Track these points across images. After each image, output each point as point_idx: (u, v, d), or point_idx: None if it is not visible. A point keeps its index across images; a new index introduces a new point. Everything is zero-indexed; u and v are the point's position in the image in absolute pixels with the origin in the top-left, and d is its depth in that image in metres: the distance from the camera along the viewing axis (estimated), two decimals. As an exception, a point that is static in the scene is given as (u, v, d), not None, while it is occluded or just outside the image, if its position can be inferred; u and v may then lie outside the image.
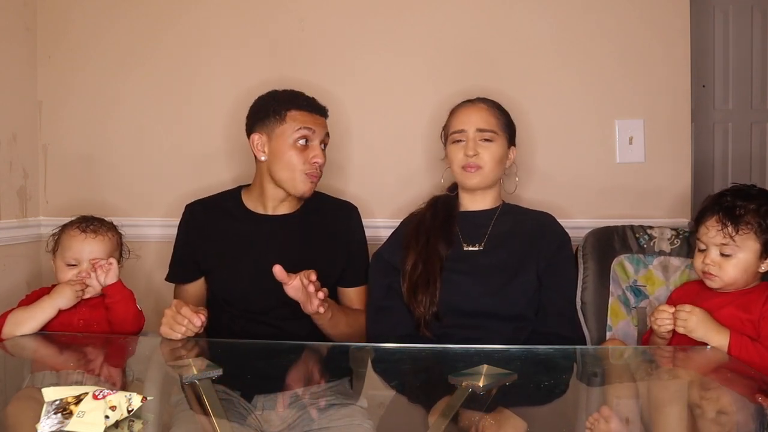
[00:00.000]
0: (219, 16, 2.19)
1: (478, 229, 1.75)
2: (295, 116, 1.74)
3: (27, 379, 1.42)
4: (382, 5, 2.17)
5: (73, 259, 1.65)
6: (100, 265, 1.65)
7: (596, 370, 1.56)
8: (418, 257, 1.70)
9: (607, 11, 2.14)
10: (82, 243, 1.66)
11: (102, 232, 1.68)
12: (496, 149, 1.72)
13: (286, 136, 1.74)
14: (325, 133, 1.78)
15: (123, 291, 1.67)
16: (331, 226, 1.82)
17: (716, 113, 3.64)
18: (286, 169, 1.74)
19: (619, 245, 1.84)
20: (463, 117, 1.75)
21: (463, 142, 1.72)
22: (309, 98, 1.80)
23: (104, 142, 2.21)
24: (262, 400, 1.26)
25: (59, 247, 1.68)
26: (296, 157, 1.73)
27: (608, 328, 1.76)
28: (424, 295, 1.65)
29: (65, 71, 2.21)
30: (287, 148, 1.73)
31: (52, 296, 1.59)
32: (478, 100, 1.77)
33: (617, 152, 2.16)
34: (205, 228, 1.81)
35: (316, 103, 1.79)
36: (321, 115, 1.79)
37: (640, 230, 1.86)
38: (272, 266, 1.68)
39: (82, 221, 1.70)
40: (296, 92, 1.80)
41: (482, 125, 1.72)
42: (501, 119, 1.75)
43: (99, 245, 1.66)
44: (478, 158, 1.71)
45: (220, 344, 1.61)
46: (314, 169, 1.75)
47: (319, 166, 1.75)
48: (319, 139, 1.76)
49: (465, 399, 1.16)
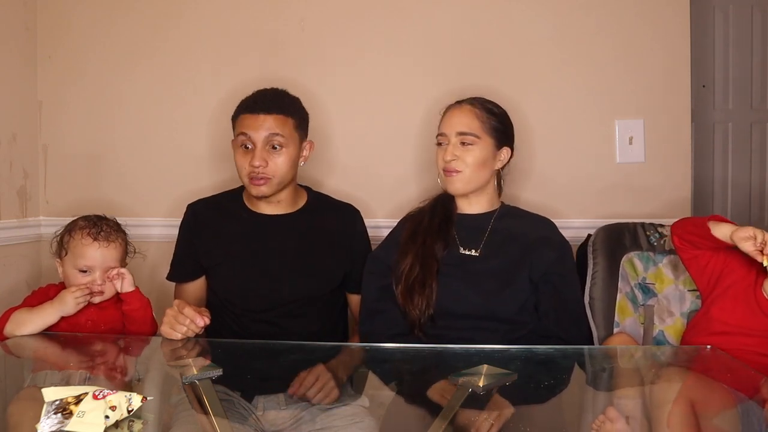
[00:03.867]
0: (219, 15, 2.19)
1: (475, 232, 1.74)
2: (240, 120, 1.73)
3: (27, 380, 1.42)
4: (381, 5, 2.17)
5: (86, 266, 1.62)
6: (113, 276, 1.63)
7: (598, 370, 1.56)
8: (414, 259, 1.69)
9: (606, 11, 2.14)
10: (96, 251, 1.62)
11: (113, 238, 1.65)
12: (479, 152, 1.70)
13: (235, 141, 1.74)
14: (271, 133, 1.69)
15: (142, 299, 1.66)
16: (333, 228, 1.82)
17: (716, 113, 3.64)
18: (239, 174, 1.75)
19: (630, 242, 1.84)
20: (447, 119, 1.74)
21: (444, 146, 1.72)
22: (261, 98, 1.73)
23: (104, 142, 2.21)
24: (262, 400, 1.26)
25: (69, 252, 1.63)
26: (239, 161, 1.72)
27: (615, 325, 1.76)
28: (421, 298, 1.64)
29: (65, 71, 2.21)
30: (235, 153, 1.73)
31: (54, 303, 1.58)
32: (466, 102, 1.75)
33: (617, 152, 2.16)
34: (206, 227, 1.81)
35: (263, 102, 1.72)
36: (267, 113, 1.70)
37: (650, 228, 1.86)
38: (272, 265, 1.68)
39: (92, 225, 1.65)
40: (258, 93, 1.76)
41: (462, 129, 1.70)
42: (487, 121, 1.72)
43: (112, 253, 1.64)
44: (457, 162, 1.69)
45: (220, 344, 1.61)
46: (255, 173, 1.69)
47: (258, 169, 1.68)
48: (262, 141, 1.68)
49: (465, 399, 1.16)
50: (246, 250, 1.77)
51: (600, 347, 1.70)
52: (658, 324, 1.79)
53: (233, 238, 1.78)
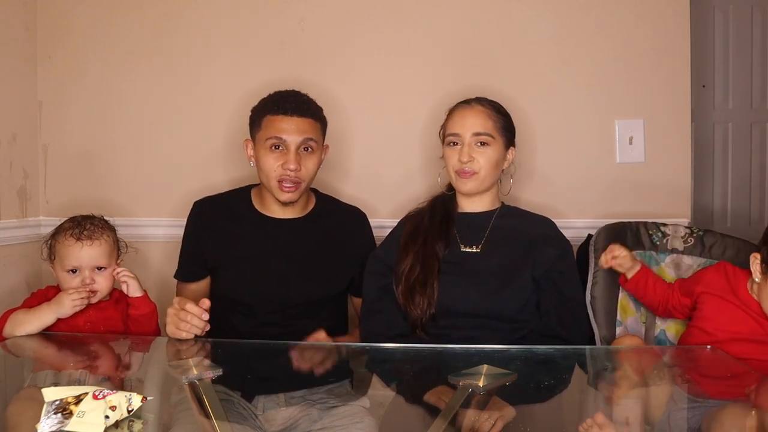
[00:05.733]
0: (220, 15, 2.19)
1: (476, 231, 1.74)
2: (270, 121, 1.70)
3: (27, 380, 1.42)
4: (382, 5, 2.17)
5: (72, 267, 1.62)
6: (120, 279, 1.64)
7: (598, 370, 1.56)
8: (415, 259, 1.69)
9: (607, 11, 2.14)
10: (81, 251, 1.61)
11: (97, 236, 1.64)
12: (492, 153, 1.70)
13: (262, 142, 1.71)
14: (306, 137, 1.69)
15: (150, 305, 1.67)
16: (340, 233, 1.82)
17: (716, 113, 3.64)
18: (264, 176, 1.72)
19: (632, 241, 1.83)
20: (459, 120, 1.72)
21: (459, 146, 1.71)
22: (290, 100, 1.72)
23: (104, 142, 2.21)
24: (262, 400, 1.26)
25: (56, 255, 1.64)
26: (269, 163, 1.69)
27: (617, 324, 1.76)
28: (422, 297, 1.64)
29: (65, 71, 2.20)
30: (263, 154, 1.71)
31: (51, 305, 1.58)
32: (476, 102, 1.74)
33: (617, 152, 2.16)
34: (213, 225, 1.79)
35: (295, 105, 1.70)
36: (301, 116, 1.70)
37: (653, 227, 1.86)
38: (279, 268, 1.67)
39: (75, 226, 1.64)
40: (282, 94, 1.74)
41: (478, 129, 1.69)
42: (498, 122, 1.72)
43: (97, 250, 1.63)
44: (473, 164, 1.69)
45: (220, 344, 1.60)
46: (287, 176, 1.69)
47: (293, 172, 1.68)
48: (295, 144, 1.68)
49: (465, 399, 1.16)
50: (253, 252, 1.76)
51: (600, 347, 1.70)
52: (660, 323, 1.79)
53: (240, 240, 1.77)
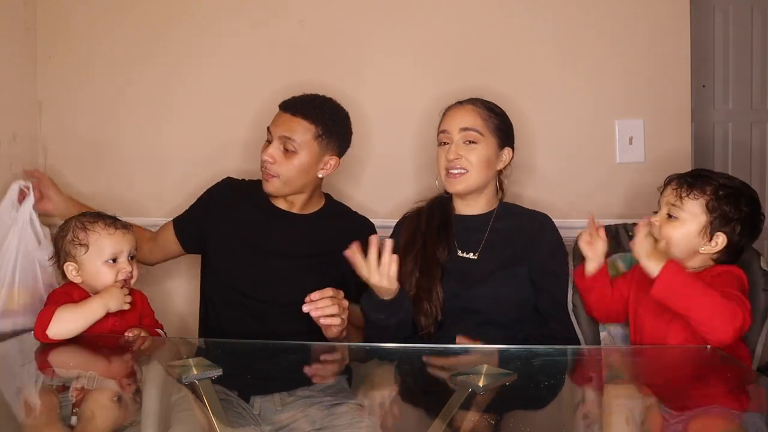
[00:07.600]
0: (220, 15, 2.19)
1: (474, 234, 1.73)
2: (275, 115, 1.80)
3: (27, 379, 1.42)
4: (381, 5, 2.17)
5: (113, 255, 1.59)
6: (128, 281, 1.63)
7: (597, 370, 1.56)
8: (414, 264, 1.68)
9: (607, 11, 2.14)
10: (123, 238, 1.60)
11: (128, 226, 1.65)
12: (482, 151, 1.69)
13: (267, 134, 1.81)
14: (284, 135, 1.75)
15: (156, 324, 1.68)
16: (342, 236, 1.79)
17: (716, 113, 3.63)
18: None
19: (612, 245, 1.79)
20: (449, 118, 1.73)
21: (447, 145, 1.71)
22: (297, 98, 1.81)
23: (105, 142, 2.21)
24: (261, 400, 1.26)
25: (91, 247, 1.58)
26: (261, 152, 1.80)
27: (601, 329, 1.74)
28: (429, 304, 1.64)
29: (65, 71, 2.20)
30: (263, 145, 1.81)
31: (102, 296, 1.53)
32: (468, 101, 1.74)
33: (617, 152, 2.16)
34: (224, 202, 1.86)
35: (293, 103, 1.79)
36: (293, 115, 1.76)
37: (632, 228, 1.84)
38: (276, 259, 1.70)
39: (104, 217, 1.63)
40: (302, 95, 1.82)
41: (465, 125, 1.69)
42: (490, 120, 1.71)
43: (132, 240, 1.63)
44: (461, 161, 1.68)
45: (220, 344, 1.61)
46: (263, 165, 1.77)
47: (267, 163, 1.76)
48: (276, 138, 1.76)
49: (465, 399, 1.16)
50: (248, 233, 1.81)
51: (599, 347, 1.70)
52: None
53: (242, 222, 1.83)
